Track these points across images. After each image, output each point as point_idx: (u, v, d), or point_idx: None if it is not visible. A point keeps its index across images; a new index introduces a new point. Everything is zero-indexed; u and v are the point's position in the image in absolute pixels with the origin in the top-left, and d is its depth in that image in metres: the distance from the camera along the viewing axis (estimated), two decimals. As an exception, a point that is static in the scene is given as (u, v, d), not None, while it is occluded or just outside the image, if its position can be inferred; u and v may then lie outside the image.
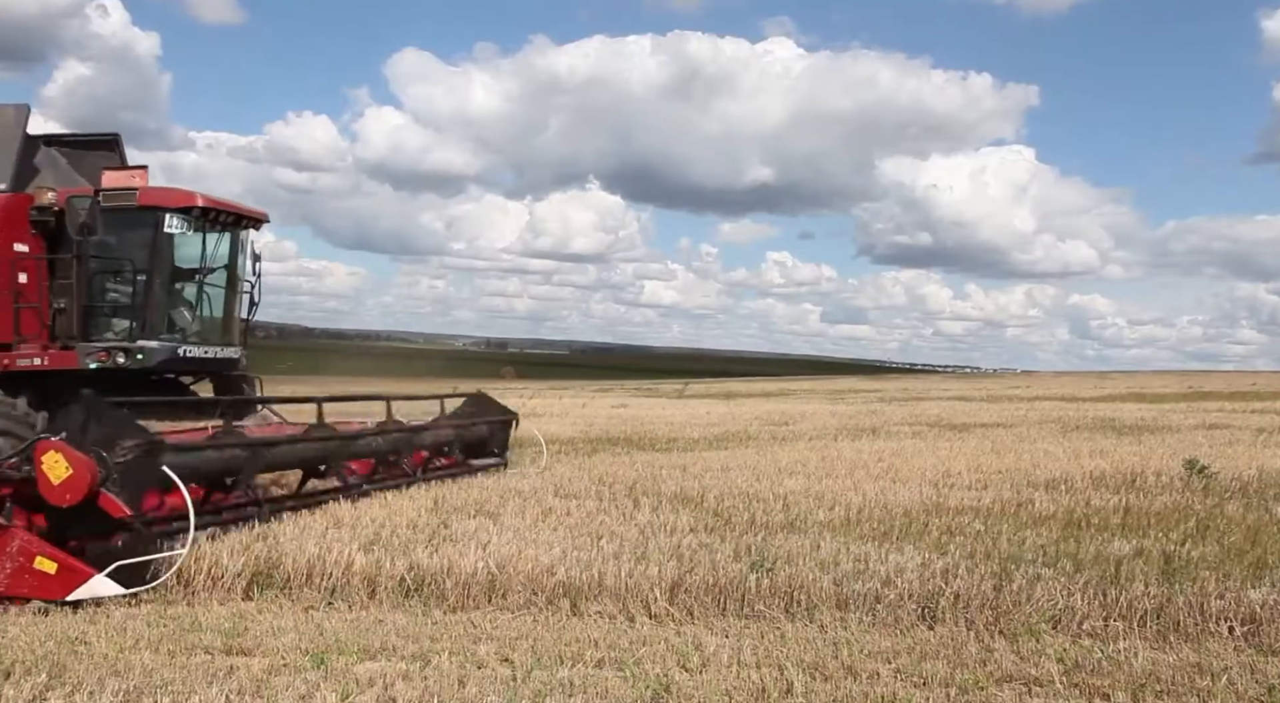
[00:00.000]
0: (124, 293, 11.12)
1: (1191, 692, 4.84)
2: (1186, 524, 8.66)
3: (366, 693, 5.00)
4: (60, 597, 7.05)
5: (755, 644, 5.76)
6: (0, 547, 7.14)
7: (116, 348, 10.68)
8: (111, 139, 12.41)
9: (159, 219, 10.95)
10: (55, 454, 7.19)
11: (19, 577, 7.09)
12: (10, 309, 10.72)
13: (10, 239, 10.77)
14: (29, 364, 10.69)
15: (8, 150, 11.10)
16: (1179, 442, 18.31)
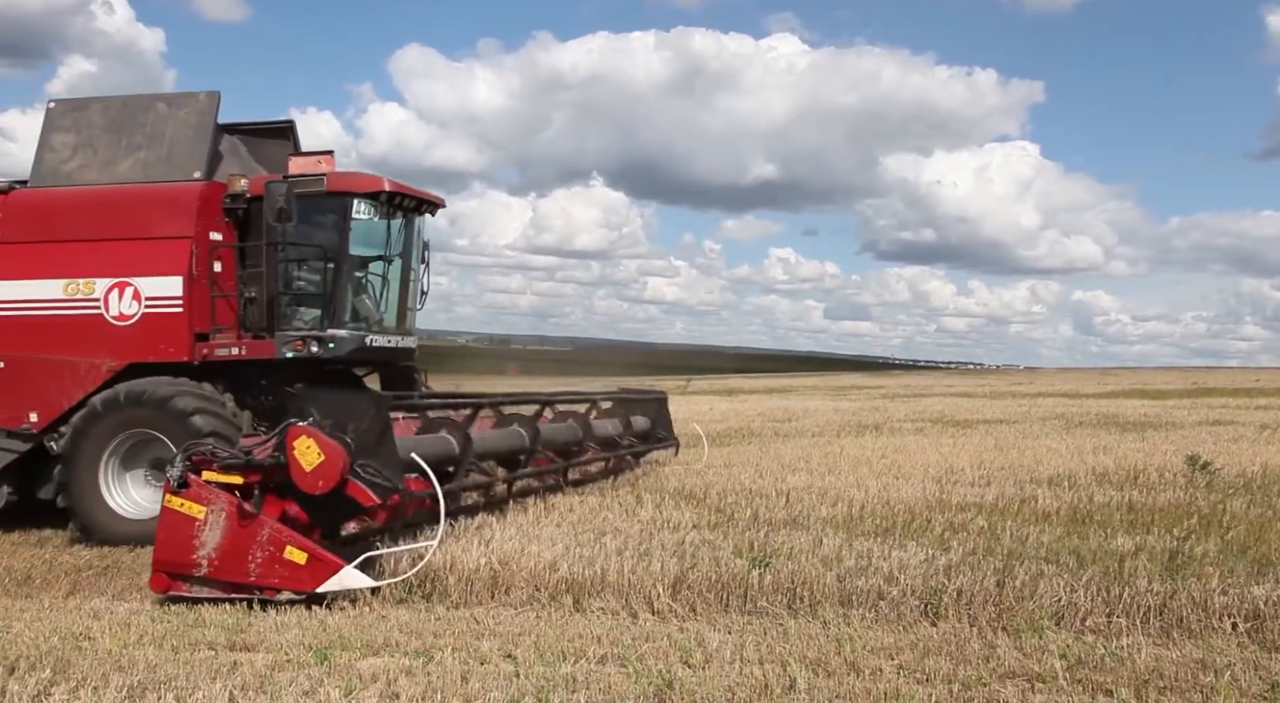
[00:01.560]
0: (311, 281, 10.93)
1: (1195, 688, 4.84)
2: (1190, 521, 8.65)
3: (369, 689, 5.00)
4: (310, 589, 6.87)
5: (758, 641, 5.76)
6: (250, 535, 6.95)
7: (310, 337, 10.51)
8: (287, 126, 12.12)
9: (346, 205, 10.73)
10: (307, 440, 6.99)
11: (270, 567, 6.90)
12: (208, 299, 10.57)
13: (207, 228, 10.60)
14: (227, 354, 10.50)
15: (201, 138, 10.93)
16: (1182, 438, 18.29)
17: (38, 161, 11.10)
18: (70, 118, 11.22)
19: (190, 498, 7.05)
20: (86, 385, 10.33)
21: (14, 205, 10.89)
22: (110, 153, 11.02)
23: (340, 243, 10.73)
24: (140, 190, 10.74)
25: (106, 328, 10.39)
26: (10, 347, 10.64)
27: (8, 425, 10.63)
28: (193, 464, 7.13)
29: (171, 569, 7.13)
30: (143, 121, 11.05)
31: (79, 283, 10.52)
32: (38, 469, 10.70)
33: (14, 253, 10.75)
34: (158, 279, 10.41)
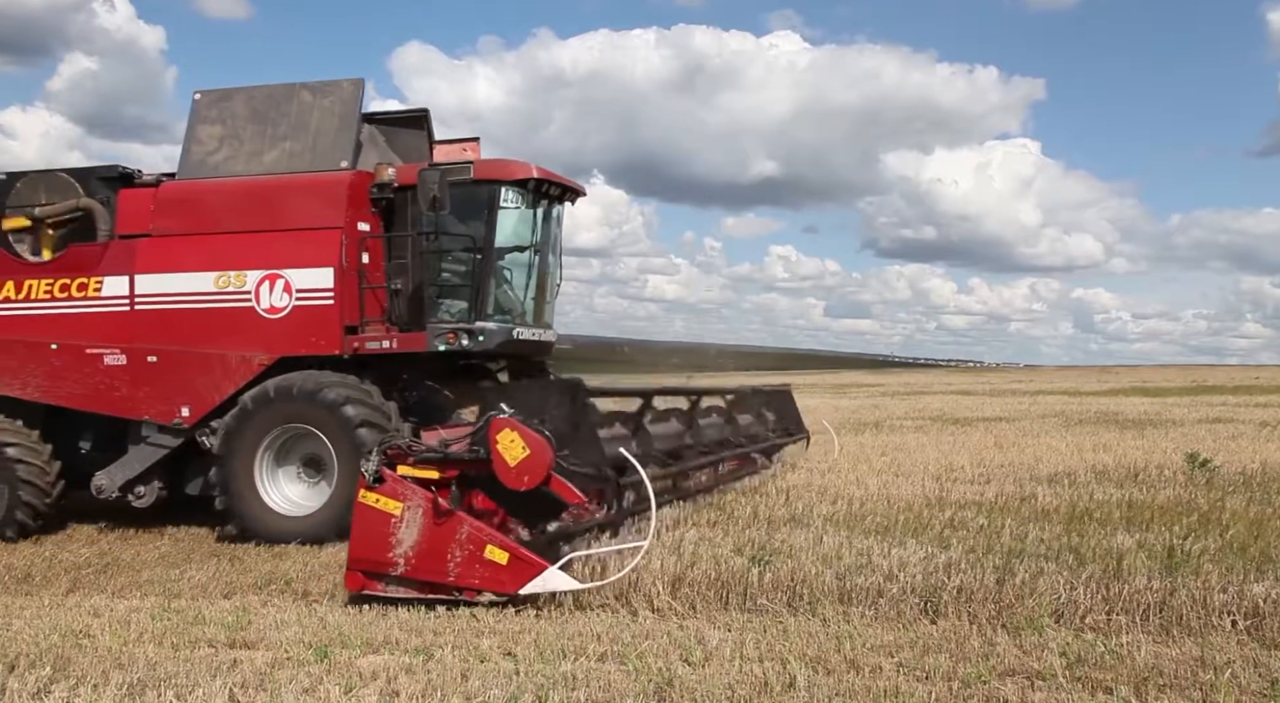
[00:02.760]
0: (457, 272, 10.72)
1: (1194, 686, 4.84)
2: (1189, 518, 8.65)
3: (369, 686, 5.00)
4: (511, 591, 6.55)
5: (758, 638, 5.76)
6: (448, 534, 6.66)
7: (461, 329, 10.28)
8: (421, 114, 11.88)
9: (494, 193, 10.50)
10: (511, 434, 6.65)
11: (469, 567, 6.61)
12: (357, 291, 10.40)
13: (355, 218, 10.44)
14: (377, 347, 10.30)
15: (347, 127, 10.76)
16: (1182, 436, 18.30)
17: (185, 153, 10.96)
18: (215, 109, 11.09)
19: (386, 494, 6.79)
20: (237, 379, 10.23)
21: (165, 198, 10.79)
22: (256, 143, 10.89)
23: (488, 232, 10.48)
24: (289, 181, 10.60)
25: (257, 321, 10.30)
26: (162, 340, 10.52)
27: (159, 420, 10.51)
28: (388, 459, 6.89)
29: (367, 568, 6.84)
30: (287, 111, 10.92)
31: (230, 275, 10.41)
32: (185, 464, 10.68)
33: (165, 246, 10.65)
34: (308, 271, 10.27)
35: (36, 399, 10.87)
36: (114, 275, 10.66)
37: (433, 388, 10.81)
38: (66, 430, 11.05)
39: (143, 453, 10.64)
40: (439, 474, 6.89)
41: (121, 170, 11.15)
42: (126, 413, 10.63)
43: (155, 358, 10.51)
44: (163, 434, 10.56)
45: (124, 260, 10.66)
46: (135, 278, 10.60)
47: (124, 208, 10.85)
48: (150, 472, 10.63)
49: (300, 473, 10.14)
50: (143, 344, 10.54)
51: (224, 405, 10.22)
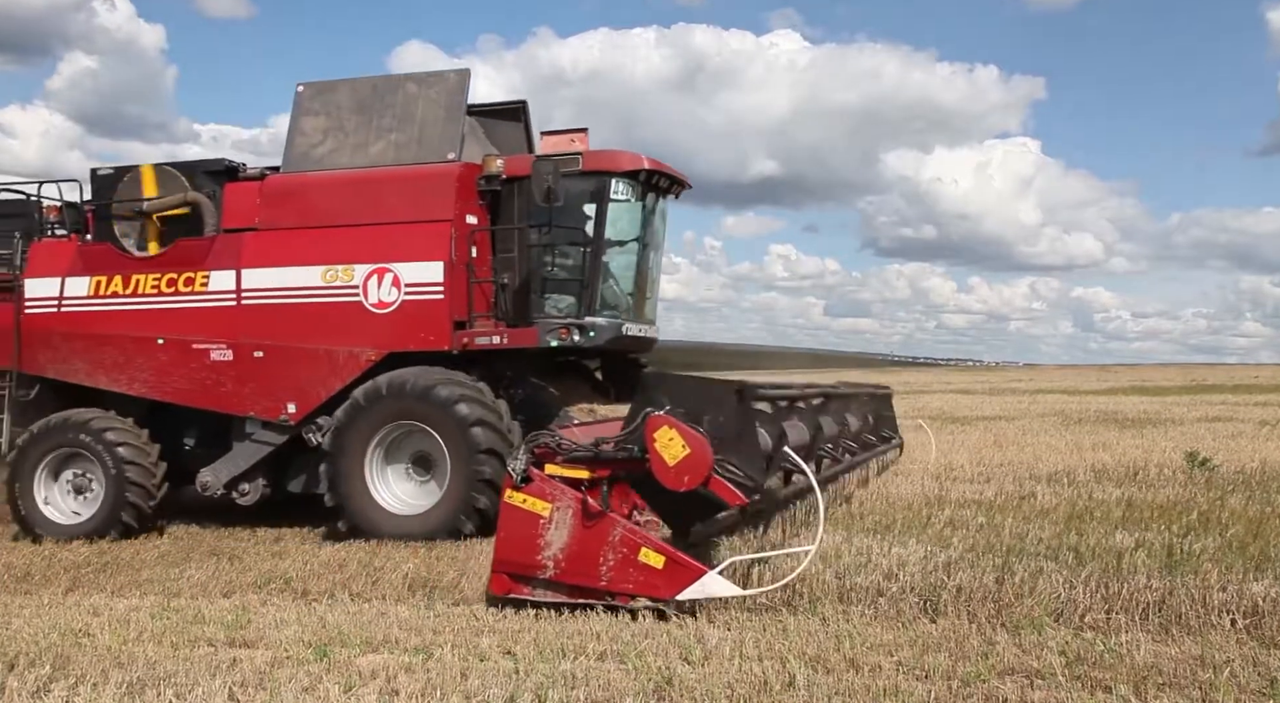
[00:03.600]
0: (565, 266, 10.45)
1: (1193, 684, 4.84)
2: (1189, 517, 8.65)
3: (369, 685, 5.00)
4: (667, 596, 6.25)
5: (757, 637, 5.76)
6: (600, 536, 6.38)
7: (573, 325, 10.03)
8: (519, 106, 11.64)
9: (604, 185, 10.20)
10: (670, 431, 6.32)
11: (623, 571, 6.34)
12: (466, 285, 10.12)
13: (464, 211, 10.18)
14: (487, 342, 10.04)
15: (453, 118, 10.50)
16: (1181, 434, 18.32)
17: (289, 146, 10.81)
18: (319, 101, 10.92)
19: (533, 494, 6.55)
20: (345, 376, 10.06)
21: (270, 191, 10.63)
22: (361, 135, 10.71)
23: (598, 225, 10.24)
24: (397, 173, 10.40)
25: (365, 316, 10.10)
26: (269, 335, 10.37)
27: (265, 416, 10.39)
28: (535, 458, 6.66)
29: (514, 570, 6.59)
30: (391, 102, 10.73)
31: (337, 269, 10.22)
32: (288, 461, 10.58)
33: (272, 239, 10.50)
34: (417, 265, 10.05)
35: (142, 395, 10.76)
36: (220, 270, 10.53)
37: (538, 385, 10.59)
38: (168, 427, 10.93)
39: (247, 450, 10.53)
40: (590, 474, 6.65)
41: (227, 164, 11.01)
42: (232, 409, 10.51)
43: (261, 353, 10.37)
44: (268, 431, 10.45)
45: (230, 255, 10.53)
46: (241, 272, 10.46)
47: (229, 201, 10.71)
48: (255, 469, 10.52)
49: (409, 471, 9.96)
50: (249, 339, 10.41)
51: (330, 402, 10.06)
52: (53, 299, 11.09)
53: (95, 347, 10.88)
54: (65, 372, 11.00)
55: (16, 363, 11.08)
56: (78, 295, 11.01)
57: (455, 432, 9.38)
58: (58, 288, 11.08)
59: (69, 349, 10.98)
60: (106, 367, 10.83)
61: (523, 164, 10.10)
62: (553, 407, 10.41)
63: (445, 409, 9.39)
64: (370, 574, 7.74)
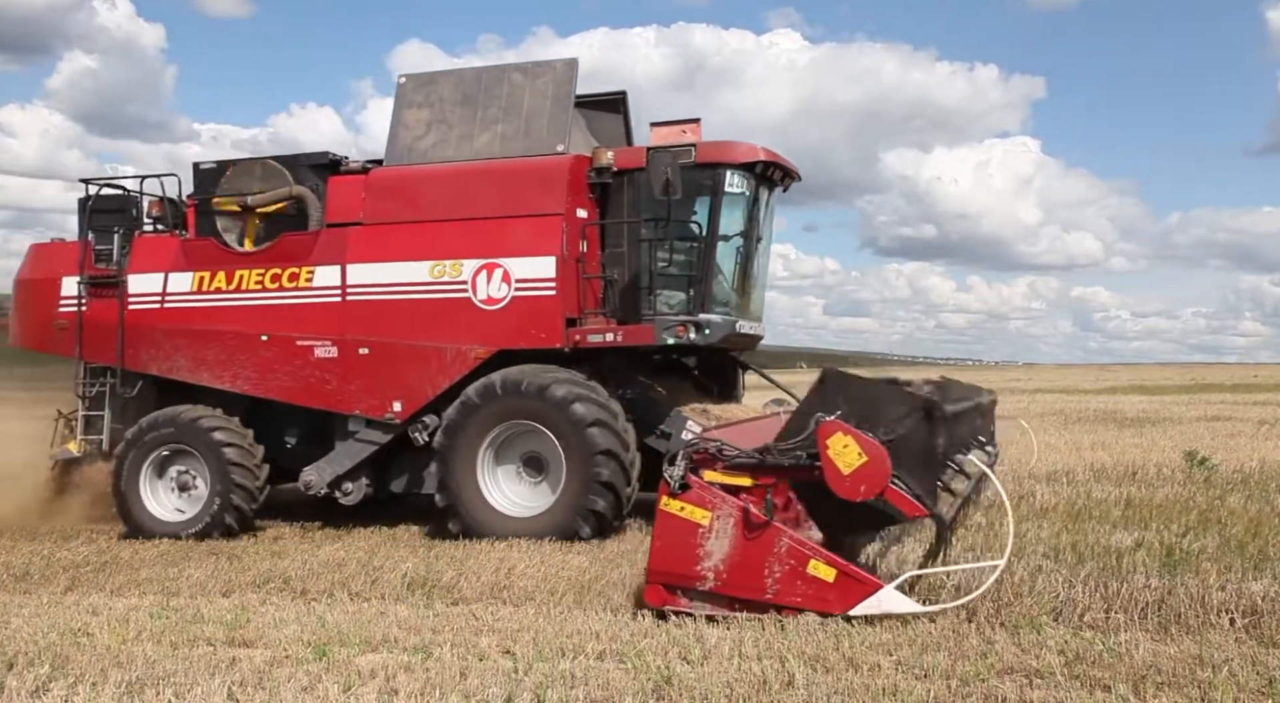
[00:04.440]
0: (677, 261, 10.11)
1: (1193, 684, 4.84)
2: (1188, 517, 8.64)
3: (368, 685, 5.01)
4: (839, 611, 5.99)
5: (756, 637, 5.76)
6: (764, 547, 6.12)
7: (689, 322, 9.70)
8: (619, 97, 11.35)
9: (718, 177, 9.89)
10: (845, 438, 6.06)
11: (790, 584, 6.08)
12: (577, 281, 9.83)
13: (575, 205, 9.87)
14: (600, 340, 9.75)
15: (561, 109, 10.21)
16: (1181, 434, 18.31)
17: (392, 139, 10.61)
18: (422, 93, 10.69)
19: (692, 502, 6.25)
20: (452, 373, 9.82)
21: (375, 185, 10.41)
22: (465, 127, 10.46)
23: (712, 219, 9.94)
24: (506, 166, 10.11)
25: (474, 312, 9.83)
26: (374, 332, 10.14)
27: (370, 414, 10.16)
28: (693, 464, 6.39)
29: (671, 581, 6.31)
30: (497, 94, 10.47)
31: (445, 265, 9.96)
32: (390, 461, 10.41)
33: (377, 234, 10.26)
34: (529, 260, 9.76)
35: (245, 392, 10.59)
36: (325, 265, 10.32)
37: (646, 384, 10.31)
38: (267, 424, 10.78)
39: (351, 449, 10.32)
40: (752, 481, 6.38)
41: (331, 157, 10.80)
42: (336, 407, 10.29)
43: (367, 350, 10.14)
44: (372, 429, 10.24)
45: (335, 250, 10.32)
46: (347, 268, 10.24)
47: (334, 195, 10.49)
48: (358, 468, 10.31)
49: (520, 472, 9.75)
50: (354, 336, 10.19)
51: (436, 400, 9.86)
52: (156, 295, 10.93)
53: (198, 343, 10.72)
54: (168, 369, 10.83)
55: (120, 360, 10.94)
56: (181, 291, 10.84)
57: (571, 432, 9.18)
58: (161, 284, 10.92)
59: (172, 346, 10.80)
60: (209, 363, 10.66)
61: (634, 156, 9.93)
62: (663, 407, 10.07)
63: (562, 409, 9.18)
64: (369, 574, 7.74)
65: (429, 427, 9.83)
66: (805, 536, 6.25)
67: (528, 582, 7.35)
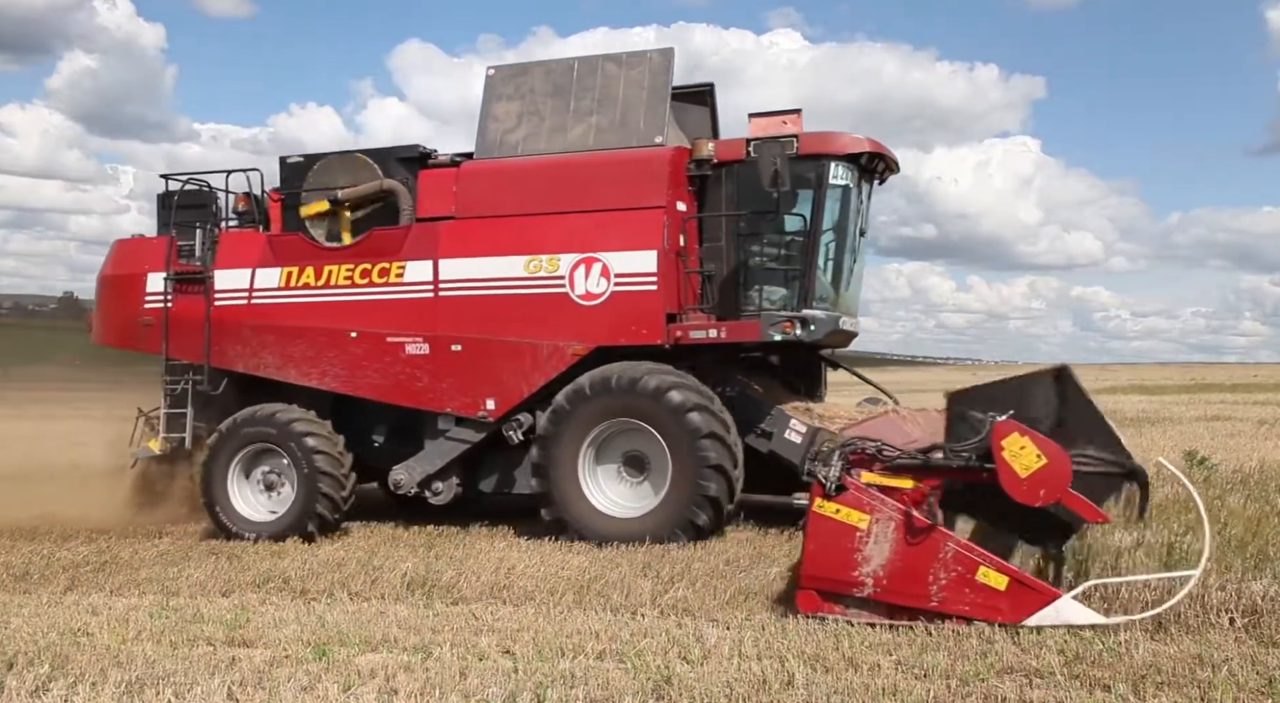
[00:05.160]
0: (775, 255, 9.84)
1: (1192, 683, 4.84)
2: (1187, 516, 8.64)
3: (368, 684, 5.00)
4: (1013, 620, 5.71)
5: (756, 636, 5.77)
6: (928, 552, 5.86)
7: (795, 318, 9.38)
8: (706, 89, 10.98)
9: (822, 169, 9.58)
10: (1022, 439, 5.82)
11: (957, 591, 5.81)
12: (678, 276, 9.52)
13: (675, 198, 9.59)
14: (703, 337, 9.44)
15: (659, 100, 9.92)
16: (1180, 433, 18.32)
17: (481, 131, 10.35)
18: (511, 85, 10.44)
19: (848, 504, 6.02)
20: (548, 370, 9.56)
21: (467, 178, 10.17)
22: (558, 119, 10.20)
23: (815, 211, 9.63)
24: (605, 158, 9.87)
25: (572, 308, 9.55)
26: (467, 328, 9.87)
27: (462, 412, 9.91)
28: (848, 464, 6.17)
29: (826, 587, 6.08)
30: (590, 85, 10.19)
31: (541, 259, 9.69)
32: (480, 460, 10.21)
33: (470, 228, 10.02)
34: (629, 254, 9.46)
35: (334, 389, 10.36)
36: (416, 260, 10.06)
37: (744, 382, 10.02)
38: (351, 421, 10.53)
39: (442, 447, 10.09)
40: (913, 483, 6.16)
41: (420, 150, 10.57)
42: (427, 405, 10.05)
43: (459, 347, 9.88)
44: (464, 428, 10.00)
45: (426, 244, 10.07)
46: (439, 263, 9.99)
47: (424, 189, 10.27)
48: (449, 467, 10.08)
49: (621, 471, 9.45)
50: (446, 332, 9.92)
51: (534, 398, 9.63)
52: (243, 291, 10.72)
53: (286, 340, 10.50)
54: (254, 365, 10.62)
55: (207, 357, 10.73)
56: (268, 287, 10.61)
57: (671, 421, 8.94)
58: (248, 279, 10.71)
59: (259, 342, 10.58)
60: (296, 360, 10.45)
61: (734, 148, 9.71)
62: (763, 405, 9.76)
63: (657, 399, 8.97)
64: (369, 573, 7.74)
65: (523, 425, 9.61)
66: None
67: (527, 582, 7.35)
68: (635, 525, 9.00)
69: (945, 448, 6.30)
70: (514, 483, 10.11)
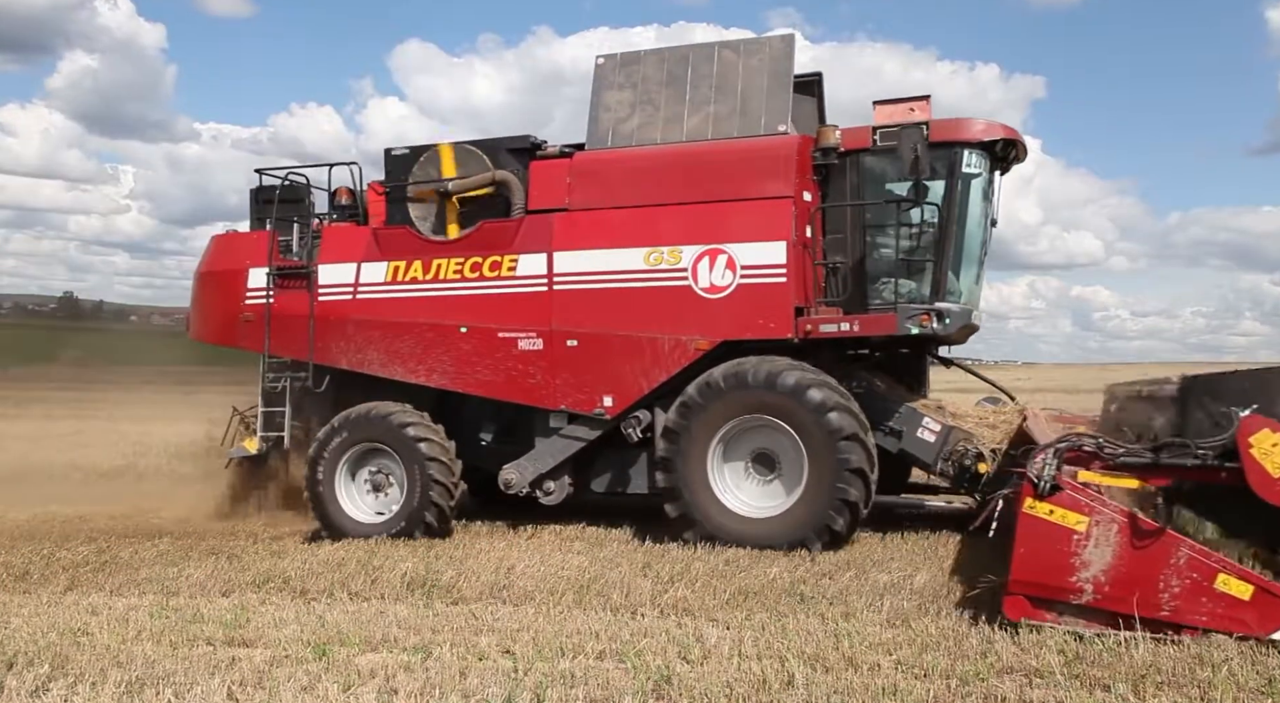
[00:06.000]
0: (902, 247, 9.50)
1: (1192, 683, 4.84)
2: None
3: (368, 684, 5.00)
4: (1261, 633, 5.34)
5: (756, 636, 5.77)
6: (1158, 557, 5.49)
7: (931, 311, 9.01)
8: (814, 78, 10.63)
9: (955, 157, 9.27)
10: (1274, 436, 5.45)
11: (1193, 600, 5.44)
12: (805, 268, 9.24)
13: (802, 188, 9.30)
14: (835, 330, 9.08)
15: (781, 87, 9.63)
16: (1181, 433, 18.24)
17: (593, 121, 10.13)
18: (623, 74, 10.18)
19: (1064, 505, 5.66)
20: (670, 366, 9.30)
21: (581, 169, 9.91)
22: (674, 108, 9.93)
23: (948, 201, 9.29)
24: (728, 147, 9.57)
25: (695, 301, 9.26)
26: (584, 323, 9.60)
27: (576, 409, 9.63)
28: (1062, 462, 5.84)
29: (1037, 593, 5.72)
30: (707, 73, 9.91)
31: (663, 251, 9.41)
32: (592, 459, 9.93)
33: (586, 220, 9.74)
34: (756, 246, 9.16)
35: (441, 386, 10.10)
36: (529, 253, 9.81)
37: (869, 378, 9.79)
38: (453, 419, 10.21)
39: (555, 446, 9.82)
40: (1139, 483, 5.88)
41: (531, 140, 10.27)
42: (540, 402, 9.77)
43: (575, 342, 9.62)
44: (578, 426, 9.73)
45: (540, 237, 9.81)
46: (553, 255, 9.72)
47: (536, 180, 10.00)
48: (561, 466, 9.83)
49: (749, 469, 9.10)
50: (561, 327, 9.66)
51: (651, 395, 9.39)
52: (347, 286, 10.48)
53: (392, 336, 10.25)
54: (358, 362, 10.38)
55: (311, 354, 10.49)
56: (374, 282, 10.38)
57: (810, 421, 8.63)
58: (352, 274, 10.47)
59: (364, 338, 10.35)
60: (403, 357, 10.20)
61: (861, 136, 9.46)
62: (890, 403, 9.56)
63: (796, 397, 8.66)
64: (369, 573, 7.74)
65: (642, 423, 9.38)
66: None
67: (527, 582, 7.35)
68: (766, 527, 8.73)
69: (1174, 444, 5.86)
70: (628, 482, 9.84)
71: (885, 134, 9.29)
